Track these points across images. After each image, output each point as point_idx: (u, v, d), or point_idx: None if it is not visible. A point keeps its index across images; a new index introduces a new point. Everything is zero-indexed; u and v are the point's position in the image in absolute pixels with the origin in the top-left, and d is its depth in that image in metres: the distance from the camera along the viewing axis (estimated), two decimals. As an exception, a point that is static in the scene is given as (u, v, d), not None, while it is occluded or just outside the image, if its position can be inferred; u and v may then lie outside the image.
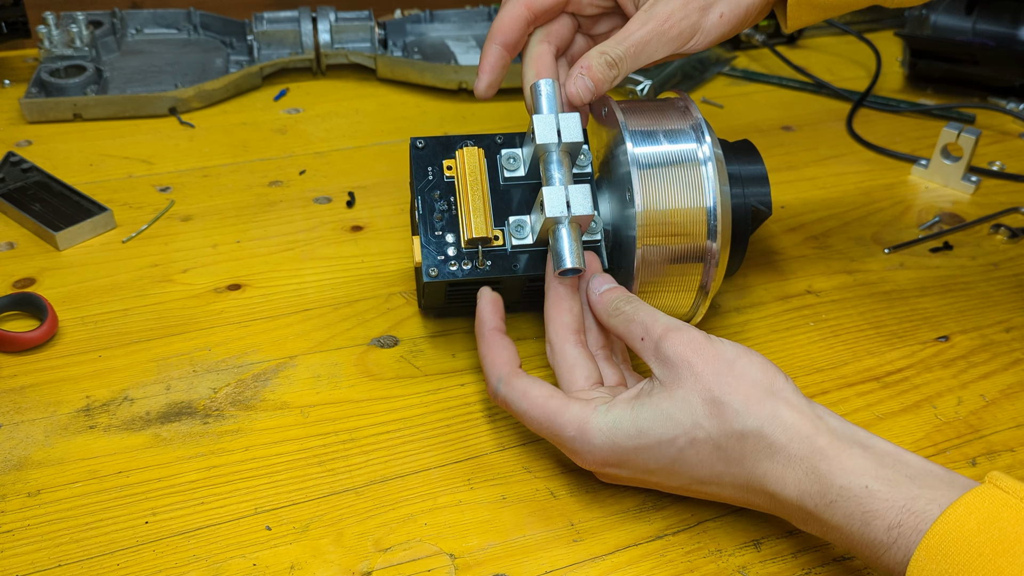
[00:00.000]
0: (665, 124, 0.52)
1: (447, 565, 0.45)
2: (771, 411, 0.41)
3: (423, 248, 0.52)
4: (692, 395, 0.42)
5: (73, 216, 0.67)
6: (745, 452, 0.41)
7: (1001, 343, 0.61)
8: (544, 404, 0.46)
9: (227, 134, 0.82)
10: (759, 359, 0.43)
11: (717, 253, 0.51)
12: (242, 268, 0.65)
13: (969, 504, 0.35)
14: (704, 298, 0.53)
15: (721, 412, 0.42)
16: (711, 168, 0.50)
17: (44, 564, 0.44)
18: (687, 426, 0.42)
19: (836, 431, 0.40)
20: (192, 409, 0.53)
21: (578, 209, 0.49)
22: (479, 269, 0.52)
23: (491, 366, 0.49)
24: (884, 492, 0.38)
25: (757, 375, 0.42)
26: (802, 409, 0.41)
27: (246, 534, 0.46)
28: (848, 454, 0.39)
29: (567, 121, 0.51)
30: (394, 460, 0.50)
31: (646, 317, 0.46)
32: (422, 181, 0.53)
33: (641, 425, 0.43)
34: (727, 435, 0.41)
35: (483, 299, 0.52)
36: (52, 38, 0.86)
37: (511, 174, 0.54)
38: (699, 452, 0.43)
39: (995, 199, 0.76)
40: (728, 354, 0.43)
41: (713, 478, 0.43)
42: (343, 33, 0.93)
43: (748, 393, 0.42)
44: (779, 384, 0.42)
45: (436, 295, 0.55)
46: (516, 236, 0.53)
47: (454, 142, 0.54)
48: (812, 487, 0.39)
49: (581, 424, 0.45)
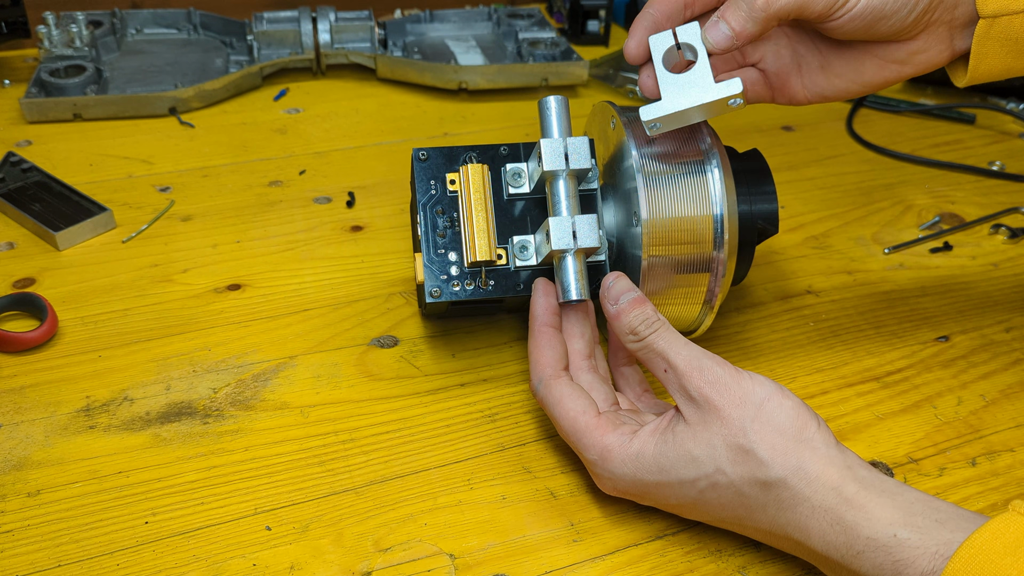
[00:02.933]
0: (671, 133, 0.51)
1: (447, 565, 0.45)
2: (797, 462, 0.40)
3: (426, 268, 0.51)
4: (717, 440, 0.41)
5: (73, 216, 0.67)
6: (768, 501, 0.41)
7: (1001, 343, 0.61)
8: (575, 419, 0.46)
9: (227, 134, 0.82)
10: (790, 402, 0.41)
11: (724, 262, 0.50)
12: (242, 268, 0.65)
13: (994, 529, 0.35)
14: (710, 309, 0.52)
15: (746, 460, 0.41)
16: (717, 176, 0.50)
17: (44, 564, 0.44)
18: (709, 471, 0.42)
19: (864, 480, 0.39)
20: (192, 409, 0.53)
21: (584, 241, 0.49)
22: (481, 290, 0.51)
23: (535, 364, 0.49)
24: (915, 540, 0.37)
25: (786, 421, 0.41)
26: (831, 459, 0.40)
27: (246, 534, 0.46)
28: (875, 503, 0.38)
29: (575, 145, 0.50)
30: (394, 460, 0.50)
31: (667, 348, 0.44)
32: (425, 195, 0.52)
33: (663, 463, 0.43)
34: (750, 483, 0.41)
35: (537, 292, 0.51)
36: (52, 38, 0.86)
37: (516, 190, 0.53)
38: (720, 496, 0.42)
39: (995, 199, 0.76)
40: (756, 396, 0.41)
41: (735, 520, 0.43)
42: (343, 33, 0.93)
43: (775, 442, 0.40)
44: (809, 431, 0.41)
45: (438, 308, 0.54)
46: (520, 257, 0.52)
47: (457, 153, 0.53)
48: (837, 538, 0.39)
49: (604, 451, 0.45)
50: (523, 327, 0.60)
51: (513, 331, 0.60)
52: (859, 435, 0.53)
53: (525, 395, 0.55)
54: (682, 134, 0.51)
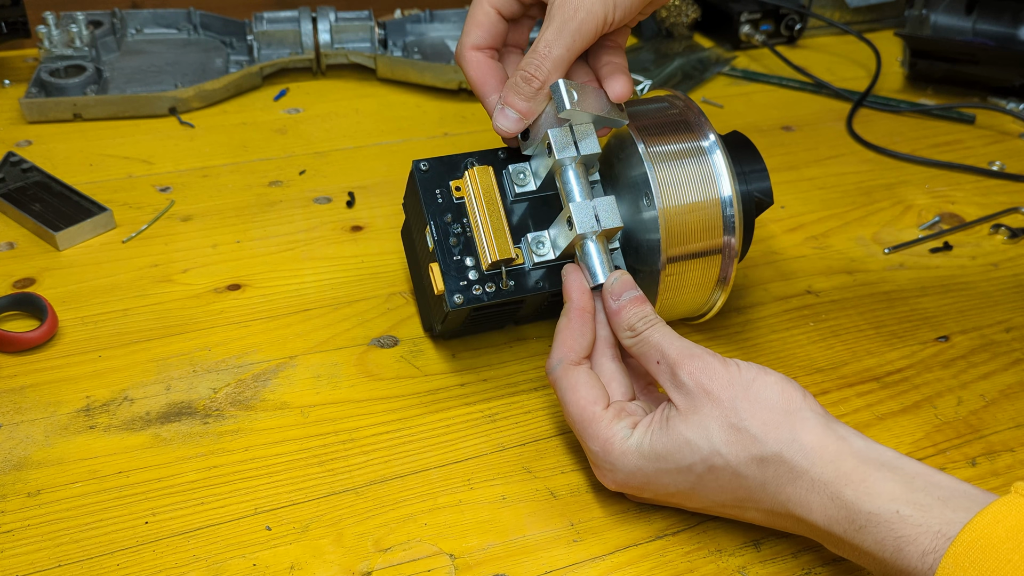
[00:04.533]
0: (664, 119, 0.52)
1: (447, 565, 0.45)
2: (790, 434, 0.40)
3: (444, 276, 0.50)
4: (709, 422, 0.42)
5: (73, 216, 0.67)
6: (767, 478, 0.41)
7: (1001, 343, 0.61)
8: (583, 408, 0.46)
9: (227, 134, 0.82)
10: (775, 377, 0.43)
11: (735, 244, 0.51)
12: (242, 268, 0.65)
13: (996, 513, 0.35)
14: (722, 290, 0.53)
15: (740, 439, 0.41)
16: (720, 157, 0.51)
17: (44, 564, 0.44)
18: (705, 453, 0.42)
19: (861, 453, 0.39)
20: (192, 409, 0.53)
21: (607, 222, 0.49)
22: (503, 291, 0.51)
23: (560, 345, 0.48)
24: (917, 517, 0.37)
25: (774, 396, 0.42)
26: (823, 430, 0.40)
27: (246, 534, 0.46)
28: (875, 477, 0.38)
29: (583, 132, 0.50)
30: (394, 460, 0.50)
31: (661, 340, 0.45)
32: (432, 205, 0.51)
33: (659, 451, 0.43)
34: (747, 462, 0.41)
35: (571, 274, 0.50)
36: (52, 38, 0.86)
37: (522, 189, 0.52)
38: (718, 478, 0.42)
39: (995, 199, 0.76)
40: (743, 377, 0.43)
41: (735, 502, 0.43)
42: (343, 33, 0.93)
43: (766, 417, 0.41)
44: (796, 403, 0.41)
45: (456, 321, 0.54)
46: (537, 253, 0.52)
47: (457, 161, 0.53)
48: (839, 513, 0.39)
49: (605, 443, 0.45)
50: (524, 328, 0.60)
51: (513, 331, 0.60)
52: (859, 435, 0.53)
53: (525, 395, 0.55)
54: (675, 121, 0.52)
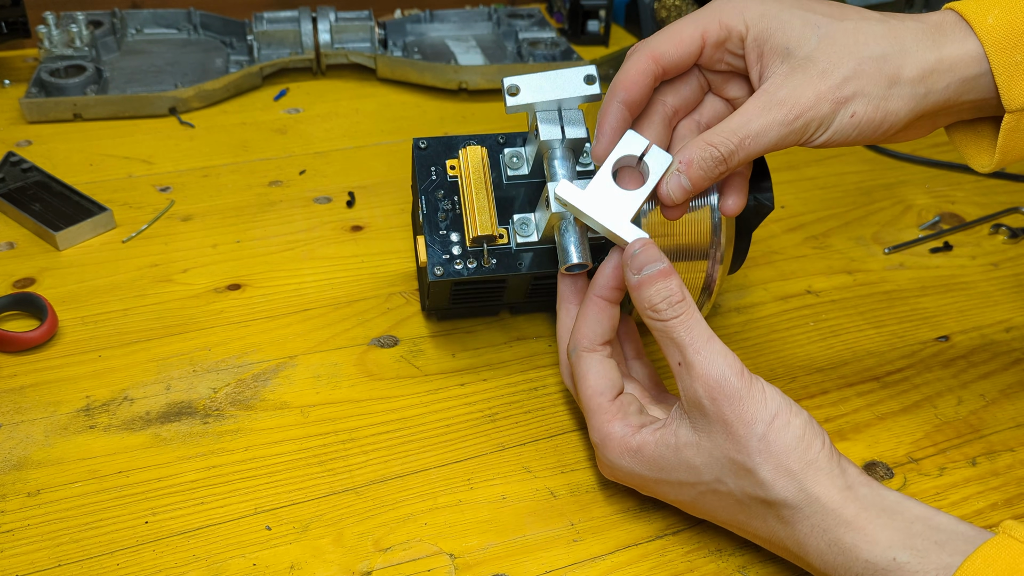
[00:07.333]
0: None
1: (447, 565, 0.45)
2: (798, 484, 0.39)
3: (428, 247, 0.51)
4: (720, 453, 0.41)
5: (73, 216, 0.67)
6: (768, 514, 0.41)
7: (1001, 343, 0.61)
8: (591, 397, 0.46)
9: (227, 134, 0.82)
10: (798, 420, 0.40)
11: (722, 249, 0.50)
12: (242, 268, 0.65)
13: (987, 556, 0.35)
14: (708, 297, 0.52)
15: (748, 479, 0.40)
16: None
17: (44, 564, 0.44)
18: (709, 480, 0.42)
19: (864, 500, 0.39)
20: (192, 409, 0.53)
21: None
22: (484, 267, 0.52)
23: (577, 331, 0.47)
24: (914, 563, 0.36)
25: (791, 442, 0.40)
26: (831, 481, 0.39)
27: (246, 534, 0.46)
28: (875, 525, 0.38)
29: (571, 116, 0.50)
30: (394, 460, 0.50)
31: (687, 341, 0.42)
32: (425, 181, 0.53)
33: (662, 464, 0.43)
34: (751, 498, 0.41)
35: (609, 263, 0.47)
36: (52, 38, 0.86)
37: (514, 172, 0.53)
38: (721, 500, 0.42)
39: (995, 199, 0.76)
40: (765, 412, 0.40)
41: (734, 523, 0.43)
42: (343, 33, 0.93)
43: (778, 463, 0.40)
44: (812, 452, 0.40)
45: (441, 295, 0.55)
46: (521, 234, 0.52)
47: (456, 142, 0.54)
48: (836, 559, 0.38)
49: (604, 438, 0.45)
50: (524, 328, 0.60)
51: (513, 331, 0.60)
52: (859, 435, 0.53)
53: (525, 395, 0.55)
54: None
